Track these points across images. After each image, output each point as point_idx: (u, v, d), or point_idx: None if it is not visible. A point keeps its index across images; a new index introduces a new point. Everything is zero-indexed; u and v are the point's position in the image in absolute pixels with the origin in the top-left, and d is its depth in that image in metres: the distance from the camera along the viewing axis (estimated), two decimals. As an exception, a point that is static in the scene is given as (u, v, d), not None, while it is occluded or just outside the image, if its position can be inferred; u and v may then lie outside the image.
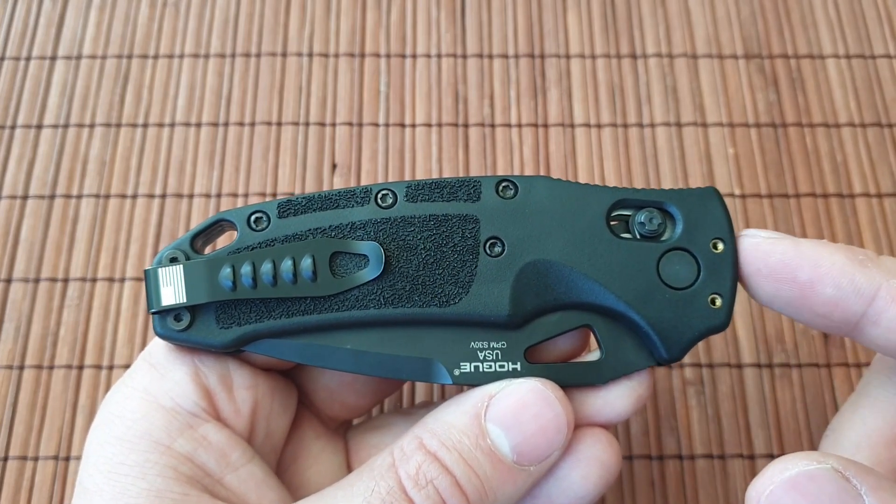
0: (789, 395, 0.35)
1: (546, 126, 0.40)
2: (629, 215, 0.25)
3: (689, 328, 0.24)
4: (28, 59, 0.41)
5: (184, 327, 0.24)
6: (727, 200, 0.38)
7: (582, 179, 0.39)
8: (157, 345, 0.25)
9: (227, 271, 0.23)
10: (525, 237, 0.24)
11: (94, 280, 0.37)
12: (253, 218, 0.24)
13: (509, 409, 0.23)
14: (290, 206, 0.24)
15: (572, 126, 0.40)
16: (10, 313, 0.36)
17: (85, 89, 0.41)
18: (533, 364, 0.24)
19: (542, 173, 0.39)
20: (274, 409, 0.26)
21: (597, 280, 0.24)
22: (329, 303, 0.24)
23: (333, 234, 0.24)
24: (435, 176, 0.39)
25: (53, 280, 0.36)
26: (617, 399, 0.25)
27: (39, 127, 0.40)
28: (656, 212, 0.25)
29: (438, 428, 0.23)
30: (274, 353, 0.24)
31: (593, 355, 0.25)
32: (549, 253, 0.24)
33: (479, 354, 0.24)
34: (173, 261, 0.24)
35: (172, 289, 0.23)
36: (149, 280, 0.24)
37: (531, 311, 0.24)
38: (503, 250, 0.24)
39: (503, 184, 0.25)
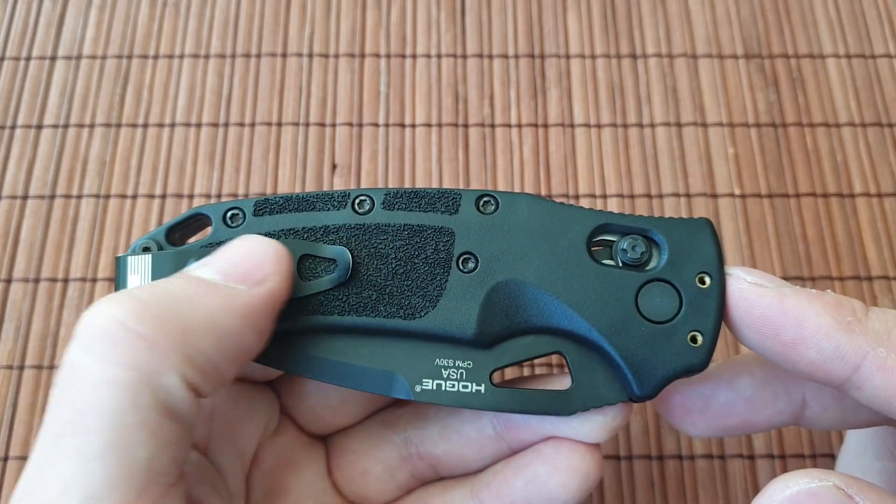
0: (789, 395, 0.35)
1: (546, 126, 0.40)
2: (613, 241, 0.24)
3: (664, 365, 0.23)
4: (28, 59, 0.41)
5: None
6: (727, 200, 0.38)
7: (582, 179, 0.39)
8: None
9: (193, 260, 0.23)
10: (500, 255, 0.23)
11: (94, 280, 0.37)
12: (229, 214, 0.24)
13: (218, 253, 0.22)
14: (267, 205, 0.24)
15: (572, 126, 0.40)
16: (10, 313, 0.36)
17: (85, 89, 0.41)
18: (498, 388, 0.23)
19: (541, 173, 0.39)
20: (237, 416, 0.26)
21: (570, 305, 0.23)
22: (293, 306, 0.23)
23: (306, 236, 0.24)
24: (434, 176, 0.39)
25: (53, 280, 0.36)
26: (589, 431, 0.24)
27: (39, 127, 0.40)
28: (641, 239, 0.24)
29: None
30: None
31: (564, 382, 0.24)
32: (523, 273, 0.23)
33: (444, 372, 0.23)
34: (146, 250, 0.24)
35: (139, 277, 0.23)
36: (118, 267, 0.24)
37: (500, 332, 0.23)
38: (476, 266, 0.23)
39: (484, 198, 0.24)
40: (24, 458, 0.33)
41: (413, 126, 0.40)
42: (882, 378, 0.21)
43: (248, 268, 0.22)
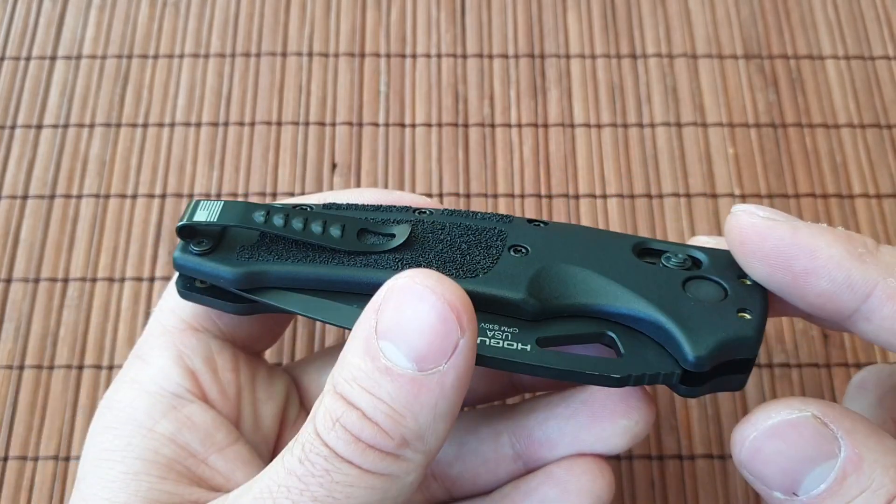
0: (789, 395, 0.35)
1: (546, 126, 0.40)
2: (656, 259, 0.25)
3: (717, 330, 0.22)
4: (28, 59, 0.41)
5: (204, 250, 0.24)
6: (727, 200, 0.38)
7: (582, 179, 0.39)
8: (143, 338, 0.26)
9: (260, 212, 0.24)
10: (551, 249, 0.25)
11: (94, 280, 0.36)
12: (299, 208, 0.26)
13: (392, 318, 0.20)
14: (335, 206, 0.26)
15: (572, 126, 0.40)
16: (10, 313, 0.36)
17: (85, 89, 0.40)
18: (544, 349, 0.23)
19: (541, 173, 0.39)
20: (257, 395, 0.26)
21: (620, 283, 0.23)
22: (345, 258, 0.24)
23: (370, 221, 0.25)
24: (434, 176, 0.39)
25: (53, 280, 0.36)
26: (611, 437, 0.24)
27: (39, 127, 0.40)
28: (684, 253, 0.25)
29: (343, 369, 0.21)
30: (280, 302, 0.24)
31: None
32: (573, 259, 0.24)
33: (489, 332, 0.23)
34: None
35: (206, 213, 0.24)
36: (189, 206, 0.24)
37: (547, 305, 0.23)
38: (528, 252, 0.24)
39: (535, 221, 0.26)
40: (23, 458, 0.33)
41: (413, 126, 0.40)
42: (891, 308, 0.21)
43: (440, 343, 0.20)
